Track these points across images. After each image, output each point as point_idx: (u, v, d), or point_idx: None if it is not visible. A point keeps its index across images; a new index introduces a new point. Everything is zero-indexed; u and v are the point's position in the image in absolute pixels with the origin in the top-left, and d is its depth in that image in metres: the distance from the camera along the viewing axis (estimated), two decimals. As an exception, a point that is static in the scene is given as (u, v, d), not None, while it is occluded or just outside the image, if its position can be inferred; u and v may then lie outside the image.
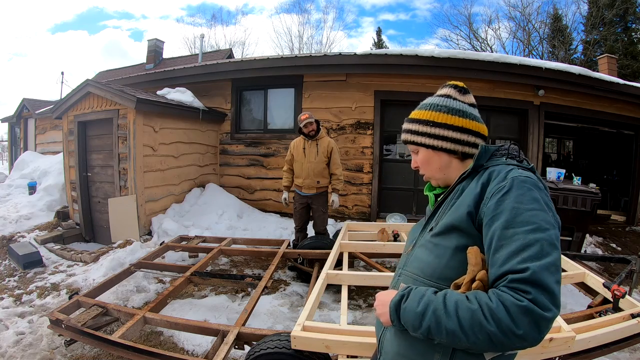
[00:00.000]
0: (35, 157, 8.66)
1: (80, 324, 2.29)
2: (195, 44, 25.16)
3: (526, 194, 0.77)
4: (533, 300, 0.66)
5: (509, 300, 0.67)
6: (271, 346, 1.74)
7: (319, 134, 4.01)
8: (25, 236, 5.00)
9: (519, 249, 0.71)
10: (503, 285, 0.70)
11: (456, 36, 22.55)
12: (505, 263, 0.71)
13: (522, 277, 0.67)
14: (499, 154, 0.94)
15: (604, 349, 1.77)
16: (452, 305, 0.72)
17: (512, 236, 0.73)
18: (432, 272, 0.87)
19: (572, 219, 4.09)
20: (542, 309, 0.65)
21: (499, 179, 0.83)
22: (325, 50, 24.94)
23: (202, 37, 16.70)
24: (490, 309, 0.68)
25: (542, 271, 0.67)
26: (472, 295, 0.73)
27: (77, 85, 5.20)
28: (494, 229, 0.76)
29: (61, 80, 12.41)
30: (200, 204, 5.70)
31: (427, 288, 0.81)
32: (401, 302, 0.81)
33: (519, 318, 0.65)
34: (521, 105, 5.81)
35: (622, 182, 7.85)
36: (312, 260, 3.71)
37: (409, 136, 1.03)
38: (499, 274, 0.72)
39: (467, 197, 0.86)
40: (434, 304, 0.75)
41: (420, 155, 1.02)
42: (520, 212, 0.74)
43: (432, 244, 0.90)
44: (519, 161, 0.90)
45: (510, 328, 0.65)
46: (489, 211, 0.79)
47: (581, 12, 18.98)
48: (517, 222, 0.74)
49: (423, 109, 1.01)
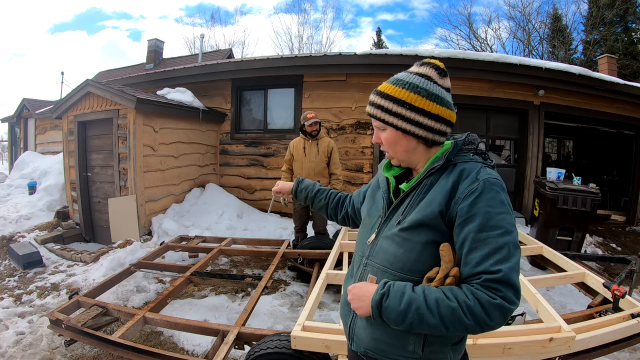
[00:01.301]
0: (35, 157, 8.66)
1: (80, 324, 2.29)
2: (195, 44, 25.20)
3: (495, 197, 0.84)
4: (504, 297, 0.76)
5: (484, 298, 0.76)
6: (271, 346, 1.74)
7: (320, 134, 4.03)
8: (25, 236, 5.00)
9: (491, 252, 0.79)
10: (477, 283, 0.78)
11: (456, 36, 22.60)
12: (479, 264, 0.80)
13: (495, 278, 0.77)
14: (466, 149, 0.95)
15: (604, 349, 1.77)
16: (433, 303, 0.79)
17: (485, 239, 0.80)
18: (402, 265, 0.91)
19: (572, 219, 4.09)
20: (510, 303, 0.76)
21: (470, 179, 0.86)
22: (325, 50, 24.95)
23: (202, 37, 16.73)
24: (468, 306, 0.77)
25: (510, 272, 0.77)
26: (449, 292, 0.80)
27: (77, 85, 5.20)
28: (468, 231, 0.82)
29: (61, 80, 12.46)
30: (200, 204, 5.70)
31: (404, 284, 0.85)
32: (382, 301, 0.85)
33: (492, 313, 0.76)
34: (521, 105, 5.81)
35: (622, 182, 7.85)
36: (312, 260, 3.71)
37: (378, 112, 0.95)
38: (473, 273, 0.80)
39: (438, 195, 0.88)
40: (416, 303, 0.81)
41: (387, 134, 0.96)
42: (491, 216, 0.82)
43: (401, 238, 0.91)
44: (485, 158, 0.93)
45: (485, 321, 0.76)
46: (462, 212, 0.84)
47: (581, 12, 19.03)
48: (489, 226, 0.81)
49: (399, 86, 0.93)
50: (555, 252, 3.00)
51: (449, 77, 0.96)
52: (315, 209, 1.43)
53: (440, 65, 0.95)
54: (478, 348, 1.52)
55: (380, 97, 0.95)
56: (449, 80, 0.97)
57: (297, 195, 1.43)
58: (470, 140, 0.97)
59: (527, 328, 1.72)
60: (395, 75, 0.97)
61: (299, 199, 1.43)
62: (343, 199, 1.38)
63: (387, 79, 0.99)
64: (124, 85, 5.76)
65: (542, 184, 4.35)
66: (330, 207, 1.38)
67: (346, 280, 1.16)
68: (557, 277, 2.61)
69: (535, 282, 2.36)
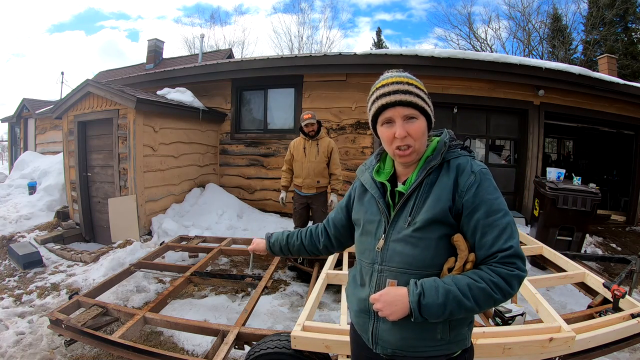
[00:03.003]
0: (35, 157, 8.66)
1: (80, 324, 2.29)
2: (194, 44, 25.19)
3: (490, 185, 0.96)
4: (518, 267, 0.89)
5: (504, 272, 0.88)
6: (271, 346, 1.74)
7: (320, 134, 4.02)
8: (25, 236, 5.00)
9: (500, 233, 0.91)
10: (495, 262, 0.90)
11: (456, 36, 22.54)
12: (493, 245, 0.91)
13: (509, 254, 0.89)
14: (454, 146, 1.03)
15: (604, 349, 1.77)
16: (466, 288, 0.89)
17: (492, 223, 0.92)
18: (422, 263, 0.96)
19: (572, 219, 4.09)
20: (522, 271, 0.90)
21: (467, 173, 0.96)
22: (325, 50, 24.94)
23: (202, 37, 16.72)
24: (494, 282, 0.88)
25: (517, 246, 0.91)
26: (475, 275, 0.90)
27: (77, 85, 5.20)
28: (477, 218, 0.93)
29: (61, 80, 12.44)
30: (200, 204, 5.70)
31: (432, 279, 0.93)
32: (420, 299, 0.90)
33: (512, 283, 0.88)
34: (521, 105, 5.81)
35: (622, 182, 7.85)
36: (312, 260, 3.71)
37: (419, 101, 0.97)
38: (489, 254, 0.91)
39: (444, 192, 0.96)
40: (452, 292, 0.89)
41: (419, 123, 0.97)
42: (492, 202, 0.93)
43: (416, 239, 0.96)
44: (469, 152, 1.04)
45: (509, 291, 0.89)
46: (468, 203, 0.94)
47: (581, 12, 18.99)
48: (492, 210, 0.93)
49: (404, 76, 1.00)
50: (555, 252, 3.00)
51: None
52: (294, 255, 1.43)
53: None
54: (478, 348, 1.51)
55: (413, 86, 0.98)
56: None
57: (272, 250, 1.42)
58: (453, 137, 1.07)
59: (527, 328, 1.72)
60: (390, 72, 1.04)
61: (275, 253, 1.42)
62: (314, 230, 1.37)
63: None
64: (124, 85, 5.76)
65: (542, 184, 4.35)
66: (306, 244, 1.36)
67: (353, 290, 1.14)
68: (557, 277, 2.61)
69: (535, 282, 2.36)
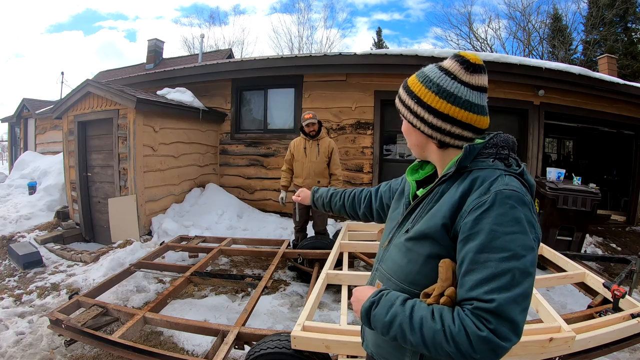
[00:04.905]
0: (35, 157, 8.66)
1: (80, 324, 2.29)
2: (194, 44, 25.20)
3: (508, 214, 0.72)
4: (494, 330, 0.66)
5: (471, 327, 0.68)
6: (271, 346, 1.74)
7: (320, 134, 4.02)
8: (25, 236, 5.00)
9: (489, 278, 0.69)
10: (468, 309, 0.70)
11: (455, 36, 22.56)
12: (473, 289, 0.71)
13: (487, 308, 0.68)
14: (486, 154, 0.84)
15: (604, 349, 1.77)
16: (418, 321, 0.74)
17: (484, 262, 0.71)
18: (404, 276, 0.87)
19: (572, 219, 4.09)
20: (501, 339, 0.66)
21: (481, 190, 0.77)
22: (324, 50, 24.94)
23: (202, 37, 16.74)
24: (451, 332, 0.69)
25: (508, 304, 0.67)
26: (438, 312, 0.74)
27: (77, 85, 5.20)
28: (468, 250, 0.74)
29: (61, 81, 12.39)
30: (200, 204, 5.70)
31: (397, 295, 0.82)
32: (371, 308, 0.83)
33: (477, 345, 0.67)
34: (521, 105, 5.81)
35: (622, 182, 7.85)
36: (312, 260, 3.71)
37: (397, 101, 0.94)
38: (465, 297, 0.72)
39: (444, 206, 0.81)
40: (400, 317, 0.76)
41: (404, 124, 0.94)
42: (497, 235, 0.71)
43: (406, 248, 0.88)
44: (507, 165, 0.82)
45: (469, 352, 0.67)
46: (465, 228, 0.75)
47: (581, 12, 19.01)
48: (492, 247, 0.71)
49: (417, 78, 0.88)
50: (555, 252, 3.00)
51: (482, 73, 0.84)
52: (335, 212, 1.48)
53: (470, 57, 0.83)
54: (478, 348, 1.51)
55: (402, 87, 0.93)
56: (482, 77, 0.84)
57: (315, 204, 1.51)
58: (495, 143, 0.85)
59: (527, 328, 1.72)
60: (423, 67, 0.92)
61: (318, 207, 1.51)
62: (358, 195, 1.40)
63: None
64: (124, 85, 5.76)
65: (542, 184, 4.35)
66: (347, 206, 1.41)
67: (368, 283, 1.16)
68: (557, 277, 2.61)
69: (535, 282, 2.35)
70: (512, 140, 0.89)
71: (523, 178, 0.81)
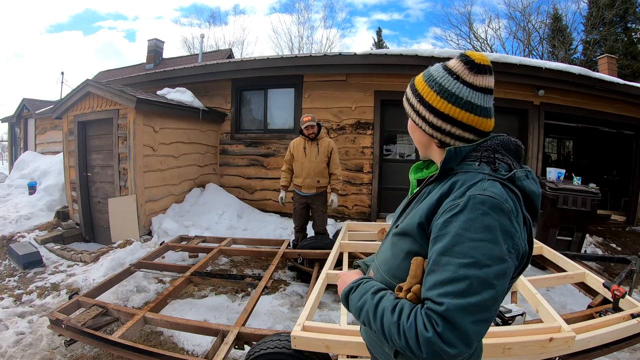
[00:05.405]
0: (35, 157, 8.66)
1: (80, 324, 2.29)
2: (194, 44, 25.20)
3: (478, 220, 0.70)
4: (440, 334, 0.66)
5: (420, 326, 0.68)
6: (271, 346, 1.75)
7: (320, 134, 4.03)
8: (25, 236, 5.00)
9: (445, 281, 0.69)
10: (424, 307, 0.71)
11: (455, 36, 22.56)
12: (430, 289, 0.71)
13: (436, 310, 0.68)
14: (474, 157, 0.82)
15: (604, 349, 1.78)
16: (380, 311, 0.77)
17: (444, 265, 0.70)
18: (388, 269, 0.91)
19: (572, 219, 4.10)
20: (446, 344, 0.65)
21: (457, 193, 0.76)
22: (324, 50, 24.94)
23: (202, 37, 16.74)
24: (404, 327, 0.71)
25: (457, 310, 0.66)
26: (400, 306, 0.75)
27: (77, 85, 5.20)
28: (433, 251, 0.74)
29: (61, 81, 12.39)
30: (200, 204, 5.70)
31: (373, 285, 0.86)
32: (350, 292, 0.90)
33: (423, 345, 0.67)
34: (521, 105, 5.81)
35: (622, 182, 7.85)
36: (312, 260, 3.71)
37: (404, 99, 0.94)
38: (424, 297, 0.73)
39: (423, 206, 0.82)
40: (368, 305, 0.81)
41: (409, 122, 0.94)
42: (462, 240, 0.69)
43: (392, 243, 0.92)
44: (494, 169, 0.79)
45: (416, 350, 0.68)
46: (436, 229, 0.75)
47: (581, 12, 19.01)
48: (454, 251, 0.70)
49: (423, 77, 0.89)
50: (555, 252, 3.00)
51: (488, 74, 0.83)
52: None
53: (477, 58, 0.82)
54: (478, 348, 1.52)
55: (409, 85, 0.93)
56: (488, 78, 0.83)
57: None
58: (488, 146, 0.83)
59: (527, 328, 1.72)
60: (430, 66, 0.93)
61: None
62: None
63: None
64: (124, 85, 5.76)
65: (542, 184, 4.34)
66: None
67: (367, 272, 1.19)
68: (557, 277, 2.61)
69: (535, 282, 2.36)
70: (516, 144, 0.87)
71: (515, 184, 0.78)
